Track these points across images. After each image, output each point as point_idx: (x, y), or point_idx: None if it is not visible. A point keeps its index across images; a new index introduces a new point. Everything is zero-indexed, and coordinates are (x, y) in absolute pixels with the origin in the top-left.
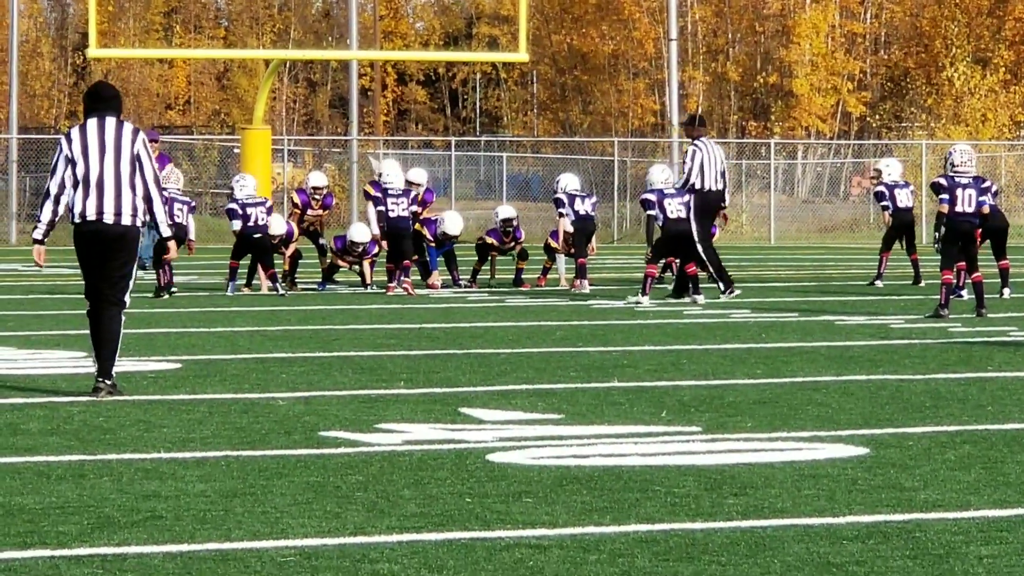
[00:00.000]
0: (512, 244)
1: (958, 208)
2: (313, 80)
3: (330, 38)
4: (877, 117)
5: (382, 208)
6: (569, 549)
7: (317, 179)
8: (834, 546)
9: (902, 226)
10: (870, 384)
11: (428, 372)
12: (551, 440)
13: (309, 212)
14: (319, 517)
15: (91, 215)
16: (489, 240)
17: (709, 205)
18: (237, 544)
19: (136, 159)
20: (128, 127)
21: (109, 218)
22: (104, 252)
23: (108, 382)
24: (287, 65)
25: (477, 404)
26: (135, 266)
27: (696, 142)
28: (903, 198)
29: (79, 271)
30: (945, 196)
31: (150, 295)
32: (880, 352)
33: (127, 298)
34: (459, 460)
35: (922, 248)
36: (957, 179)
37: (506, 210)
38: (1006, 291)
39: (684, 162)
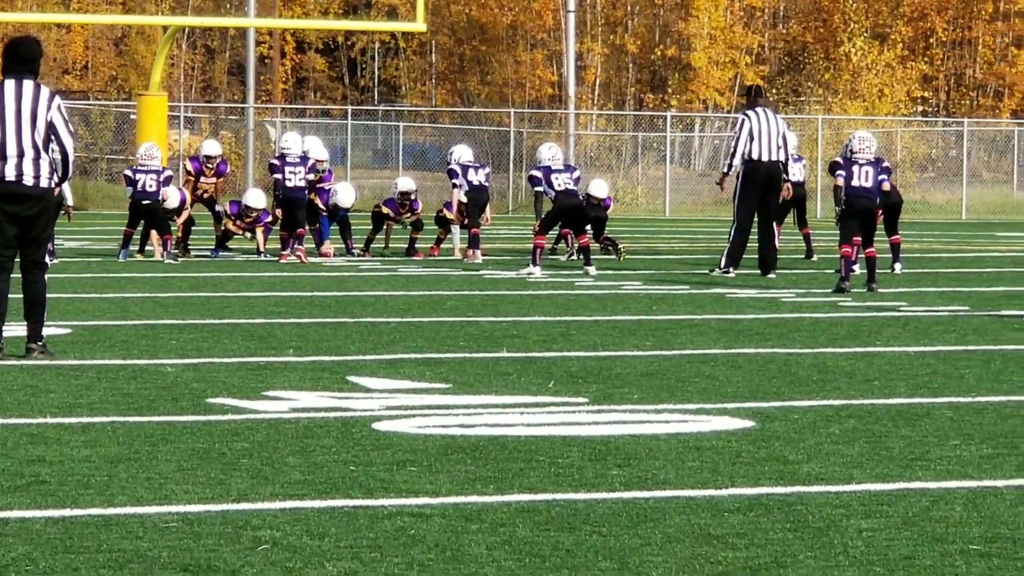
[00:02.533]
0: (408, 215)
1: (855, 183)
2: (211, 47)
3: (229, 5)
4: (775, 91)
5: (279, 176)
6: (451, 518)
7: (210, 147)
8: (715, 518)
9: (793, 200)
10: (758, 357)
11: (317, 340)
12: (437, 409)
13: (203, 180)
14: (203, 483)
15: (10, 176)
16: (385, 210)
17: (759, 175)
18: (120, 510)
19: (51, 125)
20: (45, 91)
21: (29, 180)
22: (25, 214)
23: (40, 343)
24: (185, 32)
25: (365, 373)
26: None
27: (746, 111)
28: (795, 172)
29: None
30: (842, 172)
31: None
32: (769, 325)
33: (48, 259)
34: (345, 428)
35: (815, 223)
36: (855, 159)
37: (405, 182)
38: (897, 266)
39: (734, 132)
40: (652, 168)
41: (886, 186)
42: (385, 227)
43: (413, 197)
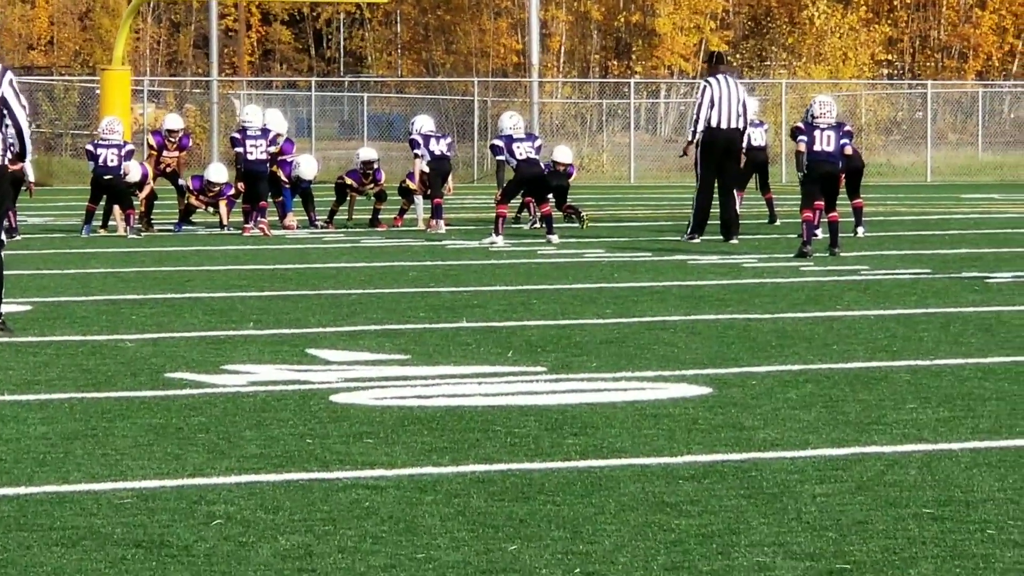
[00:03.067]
0: (371, 186)
1: (817, 147)
2: (176, 20)
3: None
4: (739, 56)
5: (240, 150)
6: (406, 489)
7: (172, 121)
8: (669, 485)
9: (755, 165)
10: (718, 323)
11: (278, 313)
12: (395, 381)
13: (165, 154)
14: (159, 459)
15: None
16: (348, 181)
17: (718, 142)
18: (75, 486)
19: (3, 100)
20: None
21: None
22: None
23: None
24: (150, 5)
25: (325, 345)
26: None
27: (709, 79)
28: (756, 137)
29: None
30: (804, 137)
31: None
32: (730, 292)
33: (3, 236)
34: (303, 401)
35: (779, 187)
36: (816, 123)
37: (367, 152)
38: (860, 230)
39: (695, 99)
40: (617, 135)
41: (848, 150)
42: (348, 198)
43: (376, 167)
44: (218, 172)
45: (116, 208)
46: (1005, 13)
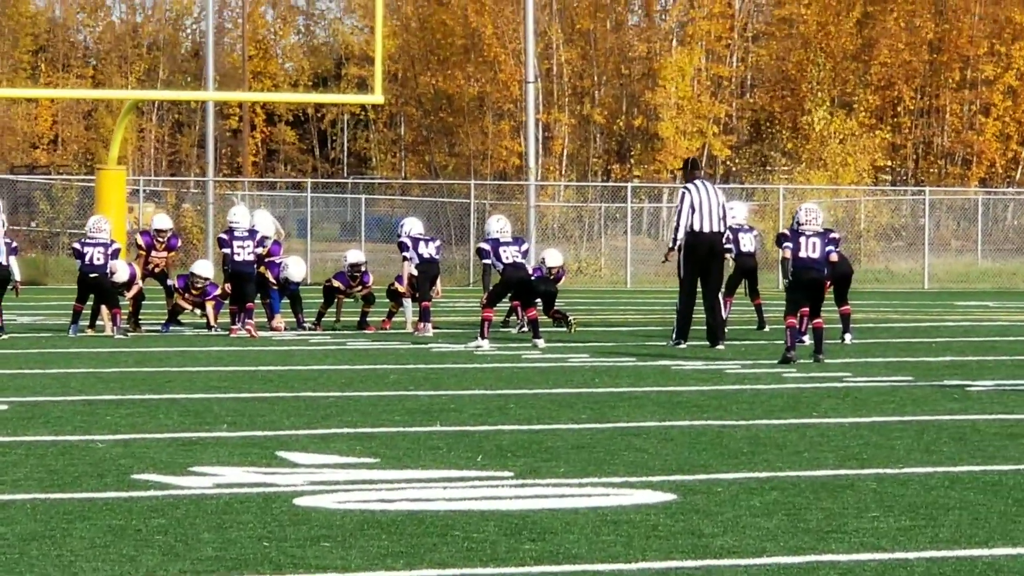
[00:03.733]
0: (359, 288)
1: (802, 254)
2: (180, 120)
3: (190, 79)
4: (740, 161)
5: (227, 250)
6: None
7: (161, 221)
8: None
9: (745, 271)
10: (691, 430)
11: (253, 415)
12: (361, 484)
13: (154, 254)
14: (114, 560)
15: None
16: (335, 283)
17: (701, 246)
18: None
19: None
20: None
21: None
22: None
23: None
24: (155, 105)
25: (296, 448)
26: None
27: (687, 185)
28: (746, 242)
29: None
30: (789, 244)
31: None
32: (709, 397)
33: None
34: (265, 504)
35: (774, 292)
36: (802, 230)
37: (355, 255)
38: (847, 336)
39: (675, 206)
40: (617, 239)
41: (834, 257)
42: (336, 300)
43: (363, 269)
44: (203, 267)
45: (103, 308)
46: (1009, 120)
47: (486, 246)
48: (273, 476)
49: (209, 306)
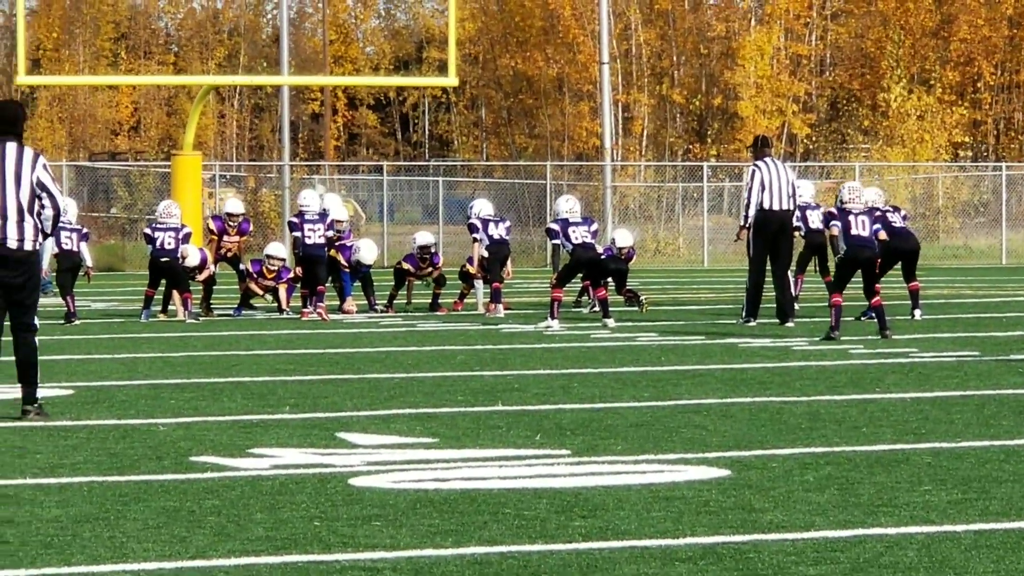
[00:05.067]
0: (429, 270)
1: (854, 232)
2: (260, 105)
3: (266, 63)
4: (819, 139)
5: (298, 234)
6: (402, 572)
7: (232, 206)
8: (664, 567)
9: (814, 247)
10: (752, 406)
11: (316, 397)
12: (417, 464)
13: (225, 238)
14: (164, 541)
15: None
16: (405, 266)
17: (771, 224)
18: (75, 568)
19: (38, 184)
20: (28, 152)
21: (12, 243)
22: (9, 278)
23: (35, 405)
24: (236, 91)
25: (356, 429)
26: (40, 290)
27: (756, 163)
28: (814, 219)
29: None
30: (837, 223)
31: (61, 322)
32: (773, 374)
33: (37, 321)
34: (320, 484)
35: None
36: (848, 208)
37: (423, 236)
38: (917, 312)
39: (745, 183)
40: (696, 218)
41: (882, 235)
42: (407, 283)
43: (433, 251)
44: (277, 249)
45: (175, 292)
46: None
47: (555, 226)
48: (330, 457)
49: (281, 289)
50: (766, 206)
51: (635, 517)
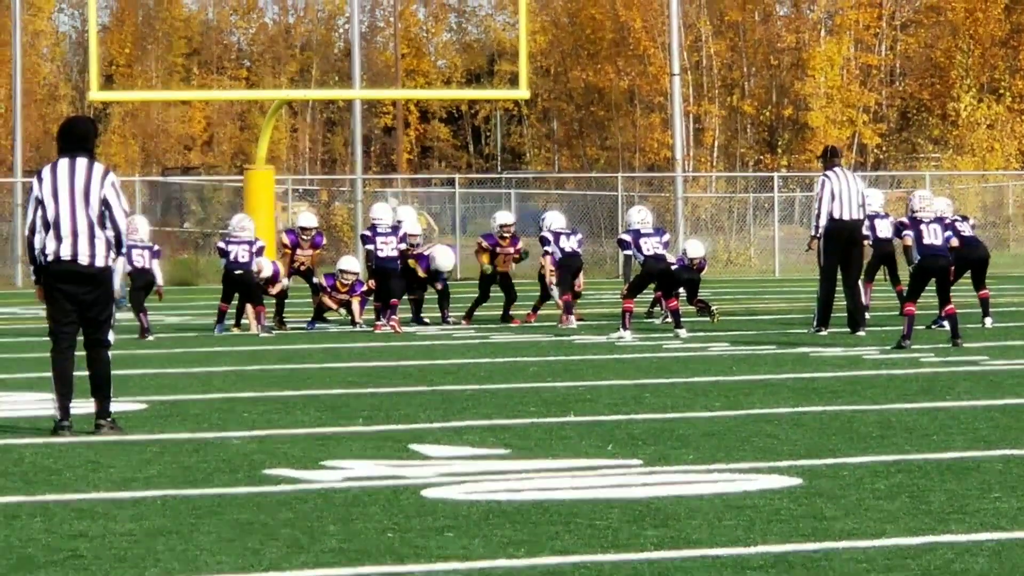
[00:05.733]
0: (510, 250)
1: (926, 240)
2: (332, 119)
3: (337, 77)
4: (889, 149)
5: (371, 247)
6: None
7: (306, 219)
8: (737, 575)
9: (883, 256)
10: (823, 415)
11: (389, 410)
12: (490, 475)
13: (299, 252)
14: (238, 554)
15: (65, 255)
16: (484, 244)
17: (841, 234)
18: None
19: (105, 202)
20: (98, 168)
21: (84, 259)
22: (81, 294)
23: (108, 419)
24: (308, 105)
25: (429, 440)
26: (113, 305)
27: (826, 173)
28: (883, 228)
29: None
30: (909, 232)
31: (136, 336)
32: (844, 383)
33: (111, 337)
34: (393, 496)
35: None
36: (919, 217)
37: (504, 216)
38: (987, 320)
39: (815, 193)
40: (768, 228)
41: (954, 242)
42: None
43: (512, 231)
44: (350, 263)
45: (248, 306)
46: None
47: (627, 237)
48: (403, 469)
49: (355, 302)
50: (836, 216)
51: (707, 526)
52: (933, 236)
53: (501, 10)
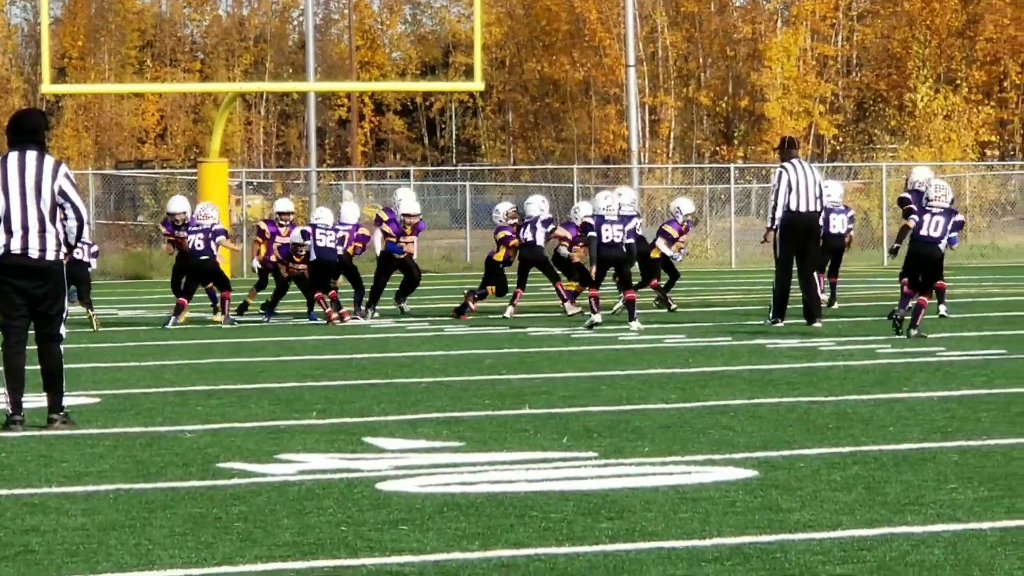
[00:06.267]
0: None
1: (923, 231)
2: (287, 112)
3: (292, 70)
4: (846, 140)
5: (308, 243)
6: (429, 575)
7: (283, 204)
8: (692, 568)
9: (832, 250)
10: (779, 407)
11: (343, 402)
12: (444, 468)
13: (278, 238)
14: (191, 548)
15: (16, 249)
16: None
17: (798, 225)
18: None
19: (60, 194)
20: (49, 161)
21: (34, 253)
22: (32, 288)
23: (61, 413)
24: (263, 97)
25: (383, 433)
26: (66, 298)
27: (783, 164)
28: (836, 224)
29: None
30: (915, 217)
31: (89, 330)
32: (800, 375)
33: (63, 330)
34: (347, 489)
35: (881, 269)
36: (930, 207)
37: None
38: (942, 308)
39: (772, 185)
40: (724, 220)
41: (956, 245)
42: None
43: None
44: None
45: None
46: None
47: (591, 221)
48: (357, 462)
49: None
50: (793, 208)
51: (662, 518)
52: (933, 228)
53: (456, 2)
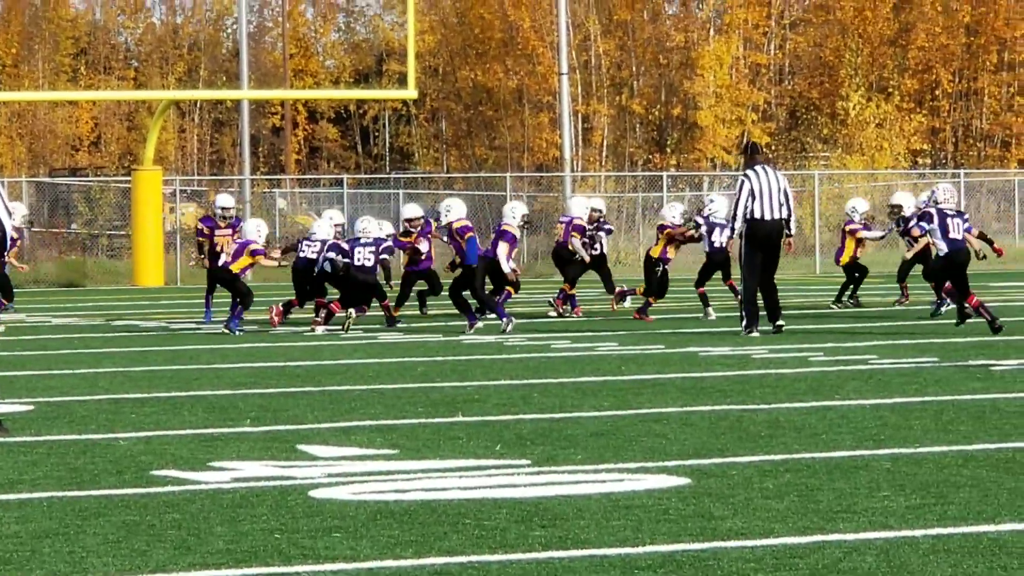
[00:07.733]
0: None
1: (952, 234)
2: (221, 119)
3: (225, 78)
4: (779, 148)
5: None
6: None
7: (224, 200)
8: (625, 575)
9: (717, 264)
10: (712, 415)
11: (277, 410)
12: (377, 476)
13: (217, 233)
14: (125, 555)
15: None
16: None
17: (761, 233)
18: None
19: None
20: None
21: None
22: None
23: None
24: (196, 105)
25: (316, 441)
26: None
27: (747, 172)
28: (721, 237)
29: None
30: (935, 226)
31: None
32: (733, 383)
33: None
34: (281, 497)
35: (815, 278)
36: (944, 210)
37: (411, 209)
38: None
39: (734, 193)
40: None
41: (966, 238)
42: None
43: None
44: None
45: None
46: None
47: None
48: (291, 469)
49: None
50: (757, 216)
51: (595, 526)
52: (956, 230)
53: (389, 10)
